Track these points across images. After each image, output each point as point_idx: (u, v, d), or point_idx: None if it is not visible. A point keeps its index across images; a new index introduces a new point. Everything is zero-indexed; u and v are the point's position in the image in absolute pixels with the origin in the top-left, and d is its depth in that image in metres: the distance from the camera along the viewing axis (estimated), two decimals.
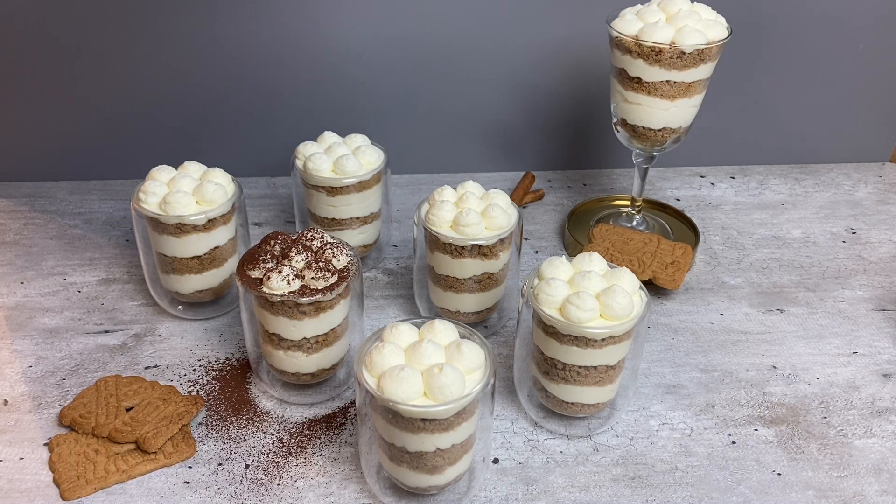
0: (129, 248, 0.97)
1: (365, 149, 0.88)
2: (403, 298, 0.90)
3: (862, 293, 0.91)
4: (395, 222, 1.02)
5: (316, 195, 0.88)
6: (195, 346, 0.83)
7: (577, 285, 0.68)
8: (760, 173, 1.15)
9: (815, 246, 1.00)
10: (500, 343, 0.84)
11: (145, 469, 0.68)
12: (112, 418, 0.71)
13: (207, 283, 0.84)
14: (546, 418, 0.74)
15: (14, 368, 0.79)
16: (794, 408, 0.76)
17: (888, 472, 0.70)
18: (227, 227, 0.82)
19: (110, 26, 0.99)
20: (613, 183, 1.13)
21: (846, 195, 1.10)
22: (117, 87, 1.04)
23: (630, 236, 0.95)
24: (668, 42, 0.82)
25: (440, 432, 0.60)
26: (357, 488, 0.68)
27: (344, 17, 1.01)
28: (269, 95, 1.06)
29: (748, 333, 0.85)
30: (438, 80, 1.06)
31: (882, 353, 0.83)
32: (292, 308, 0.69)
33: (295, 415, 0.75)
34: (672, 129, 0.88)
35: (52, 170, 1.10)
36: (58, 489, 0.67)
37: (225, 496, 0.67)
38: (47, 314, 0.86)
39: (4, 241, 0.98)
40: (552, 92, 1.08)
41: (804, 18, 1.05)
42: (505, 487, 0.68)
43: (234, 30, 1.01)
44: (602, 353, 0.67)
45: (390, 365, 0.60)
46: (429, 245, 0.80)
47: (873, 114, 1.14)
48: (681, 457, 0.71)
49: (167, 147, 1.08)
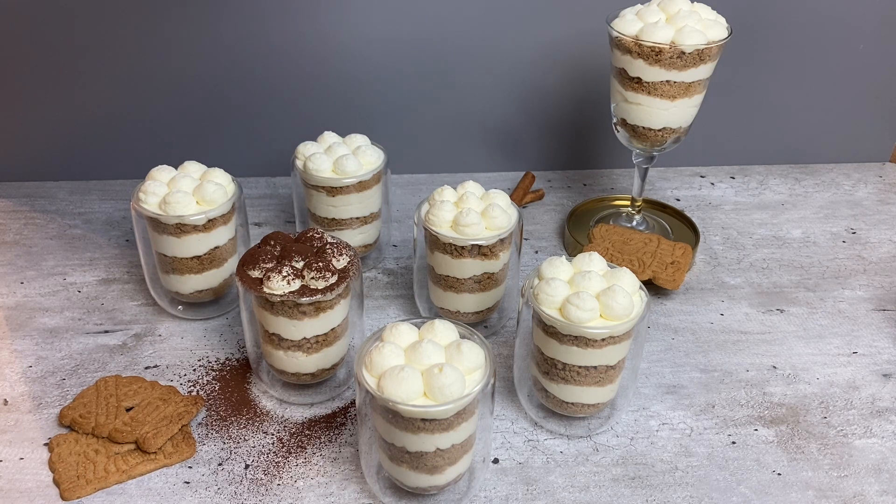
0: (129, 248, 0.97)
1: (365, 149, 0.88)
2: (403, 298, 0.90)
3: (862, 293, 0.91)
4: (395, 222, 1.02)
5: (316, 195, 0.88)
6: (195, 346, 0.83)
7: (577, 285, 0.68)
8: (760, 173, 1.15)
9: (815, 246, 1.00)
10: (500, 343, 0.84)
11: (145, 469, 0.68)
12: (112, 418, 0.71)
13: (207, 283, 0.84)
14: (546, 418, 0.74)
15: (14, 368, 0.79)
16: (794, 408, 0.76)
17: (888, 472, 0.70)
18: (227, 227, 0.82)
19: (110, 26, 0.99)
20: (613, 183, 1.13)
21: (846, 195, 1.10)
22: (117, 88, 1.04)
23: (630, 236, 0.94)
24: (668, 42, 0.82)
25: (440, 432, 0.60)
26: (357, 488, 0.68)
27: (344, 18, 1.01)
28: (269, 95, 1.06)
29: (748, 333, 0.85)
30: (438, 80, 1.06)
31: (882, 353, 0.83)
32: (292, 308, 0.69)
33: (295, 415, 0.75)
34: (672, 129, 0.88)
35: (52, 170, 1.10)
36: (58, 489, 0.67)
37: (225, 496, 0.67)
38: (47, 314, 0.86)
39: (4, 241, 0.98)
40: (552, 92, 1.08)
41: (804, 18, 1.05)
42: (505, 487, 0.68)
43: (234, 30, 1.01)
44: (602, 353, 0.67)
45: (390, 365, 0.60)
46: (429, 245, 0.80)
47: (873, 114, 1.14)
48: (681, 457, 0.71)
49: (167, 147, 1.08)
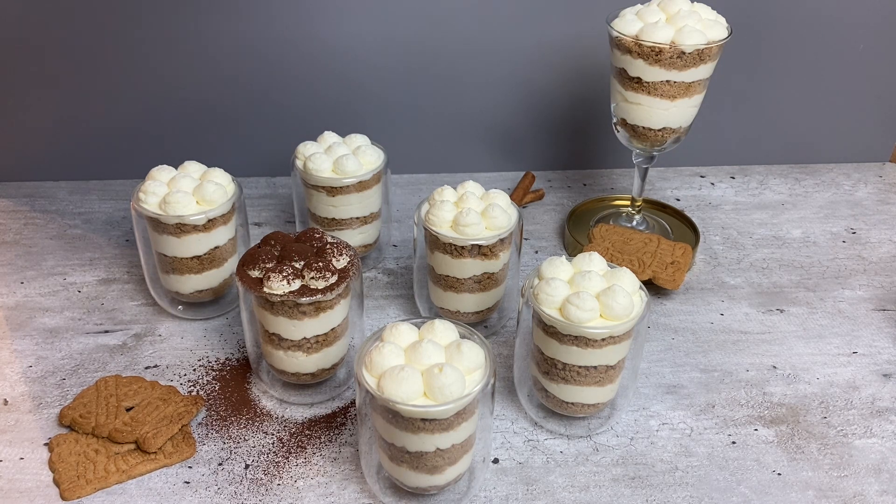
0: (129, 248, 0.97)
1: (365, 149, 0.88)
2: (403, 298, 0.90)
3: (862, 293, 0.91)
4: (395, 222, 1.02)
5: (316, 195, 0.88)
6: (195, 346, 0.83)
7: (577, 285, 0.68)
8: (760, 173, 1.15)
9: (815, 246, 1.00)
10: (500, 343, 0.84)
11: (145, 469, 0.68)
12: (112, 418, 0.71)
13: (207, 283, 0.84)
14: (546, 418, 0.74)
15: (14, 368, 0.79)
16: (794, 408, 0.76)
17: (888, 472, 0.70)
18: (227, 227, 0.82)
19: (110, 26, 0.99)
20: (613, 183, 1.13)
21: (846, 195, 1.10)
22: (117, 88, 1.04)
23: (630, 236, 0.94)
24: (668, 42, 0.82)
25: (440, 432, 0.59)
26: (357, 488, 0.68)
27: (344, 18, 1.01)
28: (269, 95, 1.06)
29: (748, 333, 0.85)
30: (439, 80, 1.06)
31: (882, 353, 0.83)
32: (292, 308, 0.69)
33: (295, 415, 0.75)
34: (672, 129, 0.88)
35: (52, 170, 1.10)
36: (58, 489, 0.67)
37: (225, 496, 0.67)
38: (47, 314, 0.86)
39: (4, 241, 0.98)
40: (552, 92, 1.08)
41: (804, 18, 1.05)
42: (505, 487, 0.68)
43: (234, 30, 1.01)
44: (602, 353, 0.67)
45: (390, 365, 0.60)
46: (429, 245, 0.80)
47: (873, 114, 1.14)
48: (681, 457, 0.71)
49: (167, 147, 1.08)
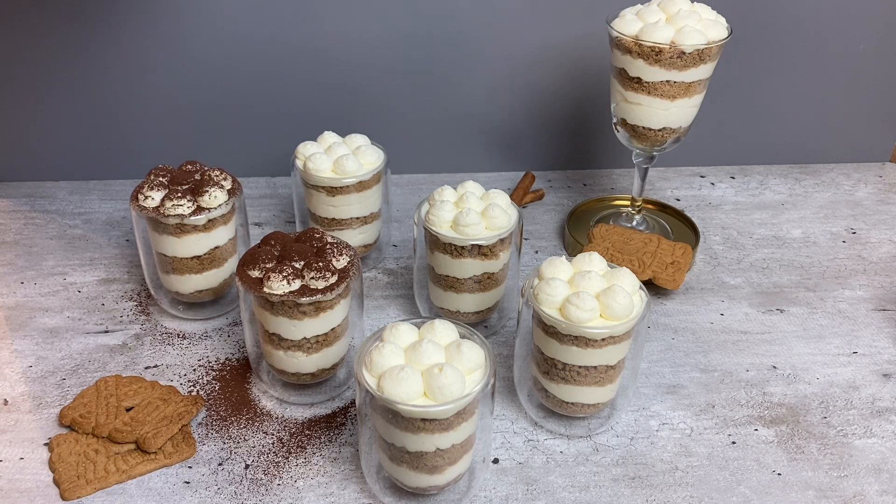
0: (129, 248, 0.97)
1: (365, 149, 0.88)
2: (403, 298, 0.90)
3: (862, 293, 0.91)
4: (395, 222, 1.02)
5: (316, 195, 0.88)
6: (195, 346, 0.83)
7: (577, 285, 0.68)
8: (760, 173, 1.15)
9: (815, 246, 1.00)
10: (500, 343, 0.84)
11: (145, 469, 0.68)
12: (112, 418, 0.71)
13: (207, 283, 0.84)
14: (546, 418, 0.74)
15: (14, 368, 0.79)
16: (794, 408, 0.76)
17: (888, 472, 0.70)
18: (227, 227, 0.82)
19: (110, 26, 0.99)
20: (613, 183, 1.13)
21: (846, 195, 1.10)
22: (117, 88, 1.04)
23: (630, 236, 0.94)
24: (668, 42, 0.82)
25: (440, 432, 0.60)
26: (357, 488, 0.68)
27: (344, 17, 1.01)
28: (269, 95, 1.06)
29: (748, 333, 0.85)
30: (438, 81, 1.06)
31: (882, 353, 0.83)
32: (292, 308, 0.69)
33: (295, 415, 0.75)
34: (672, 129, 0.88)
35: (52, 170, 1.10)
36: (58, 489, 0.67)
37: (225, 496, 0.67)
38: (47, 314, 0.86)
39: (4, 241, 0.98)
40: (552, 92, 1.08)
41: (804, 18, 1.05)
42: (505, 487, 0.68)
43: (234, 30, 1.01)
44: (602, 353, 0.67)
45: (390, 365, 0.60)
46: (429, 245, 0.80)
47: (873, 114, 1.14)
48: (681, 457, 0.71)
49: (167, 147, 1.08)
